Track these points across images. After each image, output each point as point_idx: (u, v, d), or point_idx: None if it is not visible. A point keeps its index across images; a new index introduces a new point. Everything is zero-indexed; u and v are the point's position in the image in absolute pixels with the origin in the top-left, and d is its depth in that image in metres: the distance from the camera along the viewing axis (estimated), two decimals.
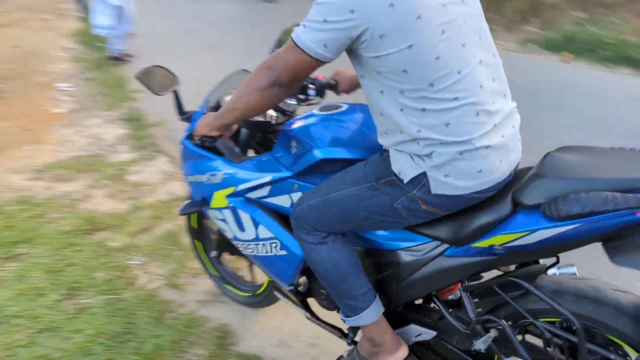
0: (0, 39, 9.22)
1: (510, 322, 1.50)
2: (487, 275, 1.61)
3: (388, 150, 1.49)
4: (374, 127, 1.57)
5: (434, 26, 1.26)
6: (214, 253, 2.40)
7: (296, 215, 1.65)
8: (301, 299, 1.98)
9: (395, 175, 1.44)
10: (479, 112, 1.33)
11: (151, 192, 3.70)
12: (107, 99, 5.70)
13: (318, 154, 1.65)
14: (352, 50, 1.35)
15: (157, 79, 2.02)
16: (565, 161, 1.33)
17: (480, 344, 1.50)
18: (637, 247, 1.19)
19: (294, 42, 1.33)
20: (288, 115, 1.93)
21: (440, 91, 1.30)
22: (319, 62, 1.34)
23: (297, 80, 1.41)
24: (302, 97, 1.84)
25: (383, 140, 1.49)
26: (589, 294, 1.37)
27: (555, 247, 1.33)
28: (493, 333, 1.48)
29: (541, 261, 1.52)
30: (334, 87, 1.90)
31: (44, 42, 8.81)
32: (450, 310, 1.62)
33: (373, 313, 1.64)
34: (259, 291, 2.41)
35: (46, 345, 2.32)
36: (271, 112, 1.92)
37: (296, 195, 1.76)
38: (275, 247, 1.82)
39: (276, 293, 2.12)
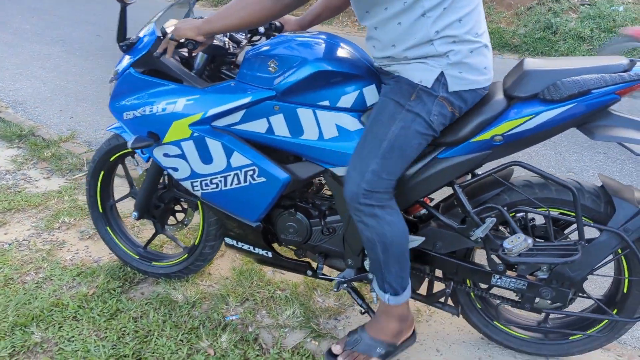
0: None
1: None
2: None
3: (392, 75, 1.55)
4: (352, 46, 1.70)
5: None
6: (134, 215, 2.13)
7: (367, 189, 1.51)
8: (264, 240, 1.91)
9: (419, 84, 1.48)
10: (480, 11, 1.49)
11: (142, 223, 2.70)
12: None
13: (310, 68, 1.59)
14: None
15: None
16: (541, 61, 1.54)
17: (479, 233, 1.61)
18: (606, 126, 1.47)
19: None
20: (240, 46, 1.88)
21: None
22: None
23: None
24: (249, 34, 1.92)
25: (389, 52, 1.51)
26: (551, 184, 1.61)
27: (546, 132, 1.51)
28: (489, 221, 1.60)
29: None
30: (279, 28, 1.97)
31: None
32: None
33: (410, 288, 1.70)
34: (191, 252, 2.19)
35: None
36: (226, 39, 1.83)
37: (275, 118, 1.66)
38: (252, 174, 1.73)
39: (227, 240, 1.99)
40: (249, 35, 1.91)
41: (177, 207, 2.22)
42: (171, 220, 2.22)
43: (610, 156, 3.53)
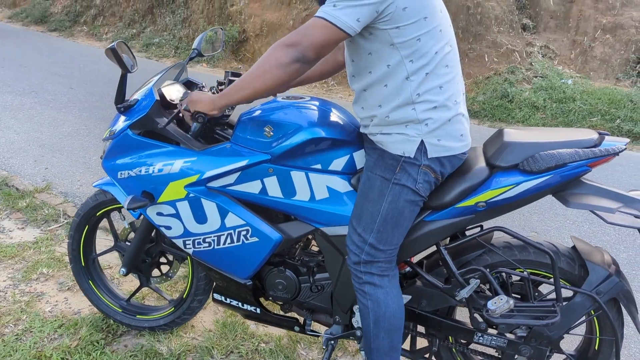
0: None
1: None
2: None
3: (377, 148, 1.63)
4: (343, 112, 1.81)
5: (437, 6, 1.51)
6: (122, 271, 2.13)
7: (366, 260, 1.63)
8: (253, 296, 1.94)
9: (402, 157, 1.58)
10: (458, 81, 1.60)
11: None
12: None
13: (305, 134, 1.69)
14: (369, 27, 1.46)
15: (123, 56, 1.74)
16: (520, 133, 1.68)
17: (464, 293, 1.71)
18: (579, 194, 1.61)
19: (324, 19, 1.40)
20: (232, 108, 1.93)
21: (441, 59, 1.52)
22: (347, 36, 1.43)
23: (322, 55, 1.46)
24: None
25: (374, 112, 1.59)
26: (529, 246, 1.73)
27: (525, 199, 1.63)
28: (474, 283, 1.70)
29: None
30: None
31: None
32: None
33: None
34: (178, 306, 2.22)
35: None
36: None
37: (269, 180, 1.73)
38: (246, 234, 1.79)
39: (215, 296, 2.01)
40: None
41: (162, 259, 2.25)
42: (155, 272, 2.25)
43: (568, 218, 3.77)
